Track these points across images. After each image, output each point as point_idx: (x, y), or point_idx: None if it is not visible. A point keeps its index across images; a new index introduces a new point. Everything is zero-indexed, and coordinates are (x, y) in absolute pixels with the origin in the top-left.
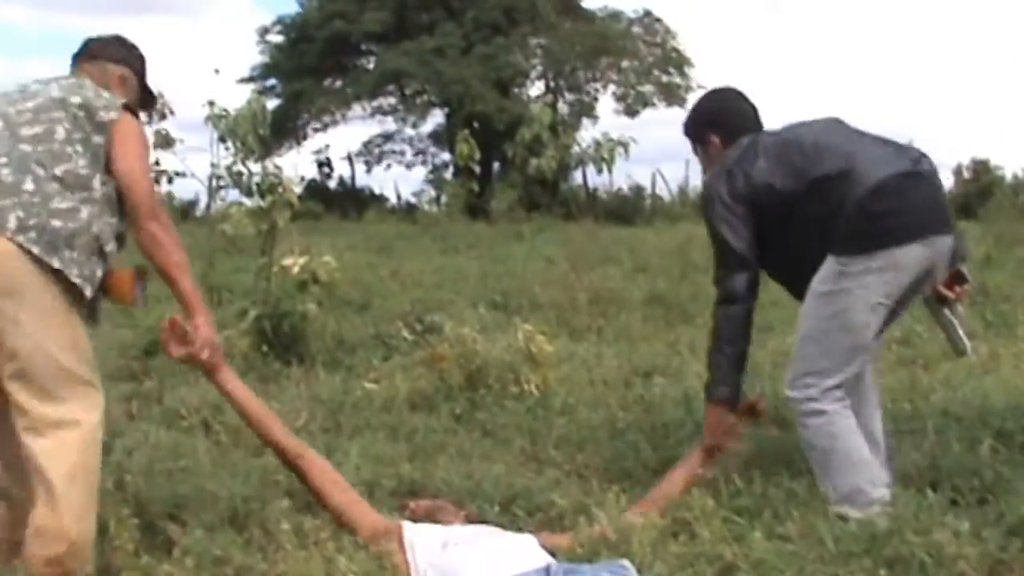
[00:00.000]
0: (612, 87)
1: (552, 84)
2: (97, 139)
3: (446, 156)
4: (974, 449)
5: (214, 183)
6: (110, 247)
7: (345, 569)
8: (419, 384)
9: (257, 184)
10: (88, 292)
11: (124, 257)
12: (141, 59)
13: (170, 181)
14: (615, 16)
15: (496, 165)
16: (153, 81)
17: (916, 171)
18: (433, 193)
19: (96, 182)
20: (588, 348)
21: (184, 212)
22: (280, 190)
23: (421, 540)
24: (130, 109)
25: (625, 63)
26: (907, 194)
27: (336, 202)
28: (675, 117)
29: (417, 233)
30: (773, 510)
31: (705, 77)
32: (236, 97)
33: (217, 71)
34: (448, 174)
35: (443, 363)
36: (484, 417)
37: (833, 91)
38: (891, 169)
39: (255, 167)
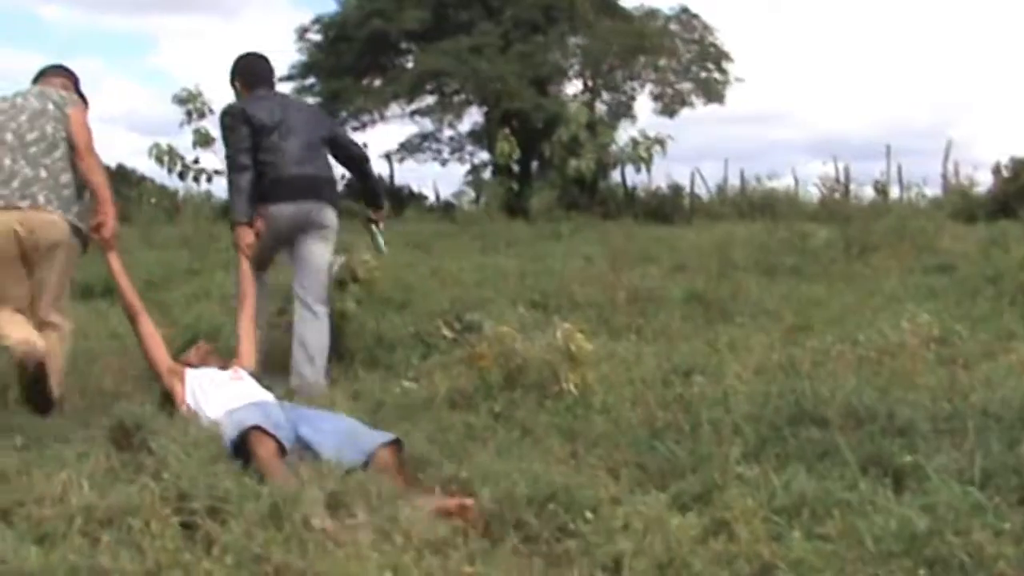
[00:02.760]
0: (650, 86)
1: (590, 83)
2: (64, 123)
3: (484, 155)
4: (1014, 449)
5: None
6: (85, 192)
7: (382, 566)
8: (458, 383)
9: None
10: (84, 230)
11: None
12: (75, 76)
13: (209, 180)
14: (652, 14)
15: (534, 164)
16: (199, 79)
17: None
18: (472, 193)
19: (66, 149)
20: (627, 347)
21: (224, 210)
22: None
23: (193, 378)
24: (81, 103)
25: (663, 61)
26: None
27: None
28: (713, 115)
29: (456, 232)
30: (812, 510)
31: (744, 71)
32: None
33: None
34: (487, 173)
35: (482, 362)
36: (523, 416)
37: (876, 89)
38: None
39: None
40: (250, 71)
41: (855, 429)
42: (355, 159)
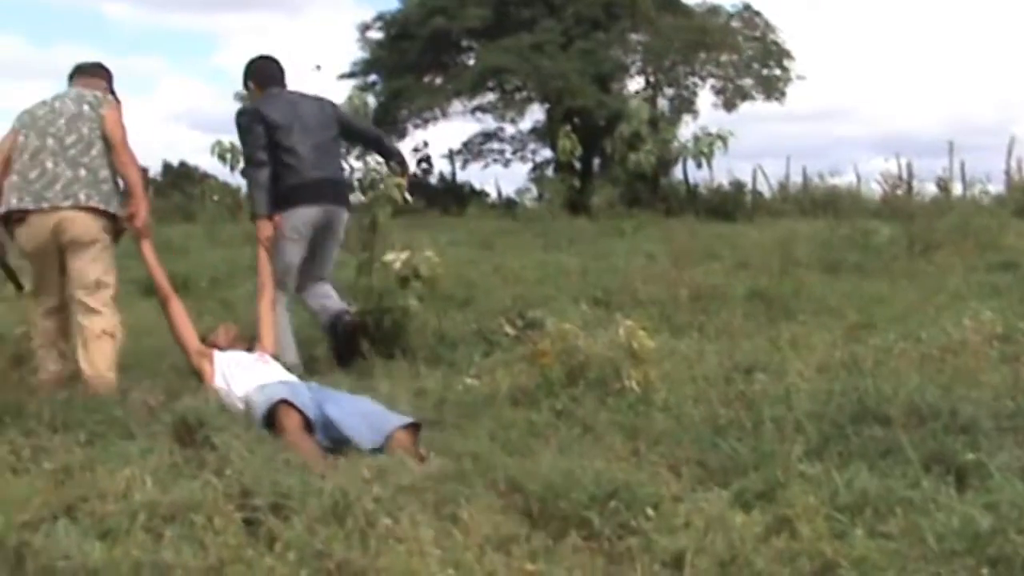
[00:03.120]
0: (711, 81)
1: (651, 79)
2: (99, 122)
3: (546, 153)
4: None
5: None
6: (121, 186)
7: (444, 563)
8: (520, 380)
9: (359, 180)
10: (121, 221)
11: None
12: (109, 73)
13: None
14: (714, 10)
15: (596, 161)
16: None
17: None
18: (536, 191)
19: (102, 147)
20: (689, 344)
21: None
22: (381, 186)
23: (222, 360)
24: (115, 102)
25: (724, 57)
26: None
27: (437, 198)
28: (775, 112)
29: (518, 229)
30: (875, 508)
31: (806, 68)
32: (337, 93)
33: (319, 67)
34: (549, 171)
35: (544, 359)
36: (585, 413)
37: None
38: None
39: (356, 163)
40: (262, 72)
41: (918, 427)
42: (371, 139)
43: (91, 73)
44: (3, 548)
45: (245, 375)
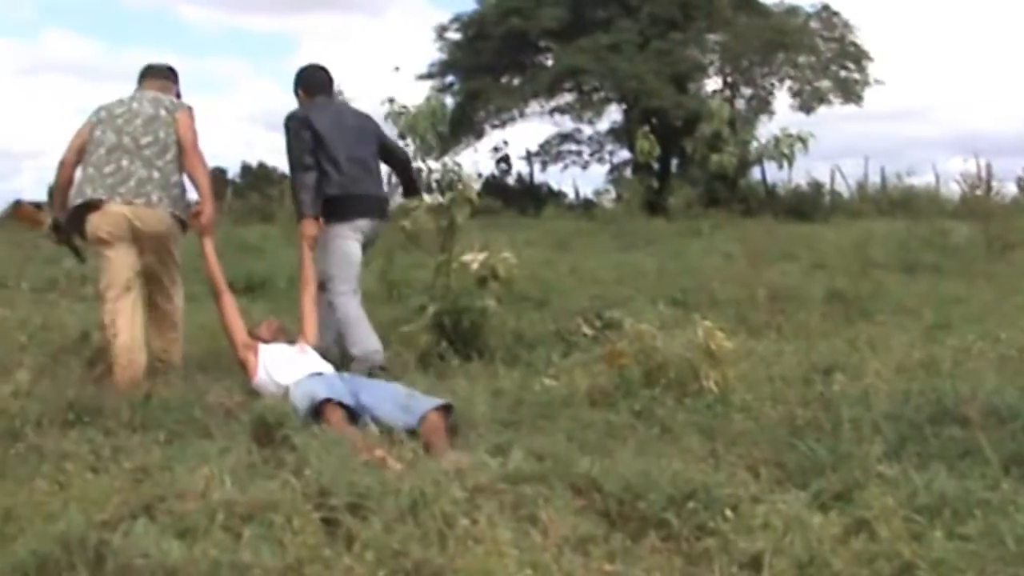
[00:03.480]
0: (788, 82)
1: (728, 80)
2: (173, 126)
3: (624, 153)
4: None
5: (393, 180)
6: (187, 191)
7: (522, 563)
8: (598, 380)
9: (437, 180)
10: (186, 221)
11: None
12: (176, 75)
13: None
14: (792, 11)
15: (674, 161)
16: (340, 79)
17: None
18: (613, 192)
19: (176, 151)
20: (767, 345)
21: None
22: (459, 186)
23: (266, 352)
24: (189, 107)
25: (802, 58)
26: None
27: (514, 198)
28: (853, 112)
29: (595, 229)
30: (953, 509)
31: (884, 68)
32: (415, 94)
33: (397, 68)
34: (627, 171)
35: (622, 359)
36: (663, 414)
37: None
38: None
39: (434, 164)
40: (312, 81)
41: (996, 428)
42: (401, 162)
43: (163, 76)
44: (83, 547)
45: (287, 366)
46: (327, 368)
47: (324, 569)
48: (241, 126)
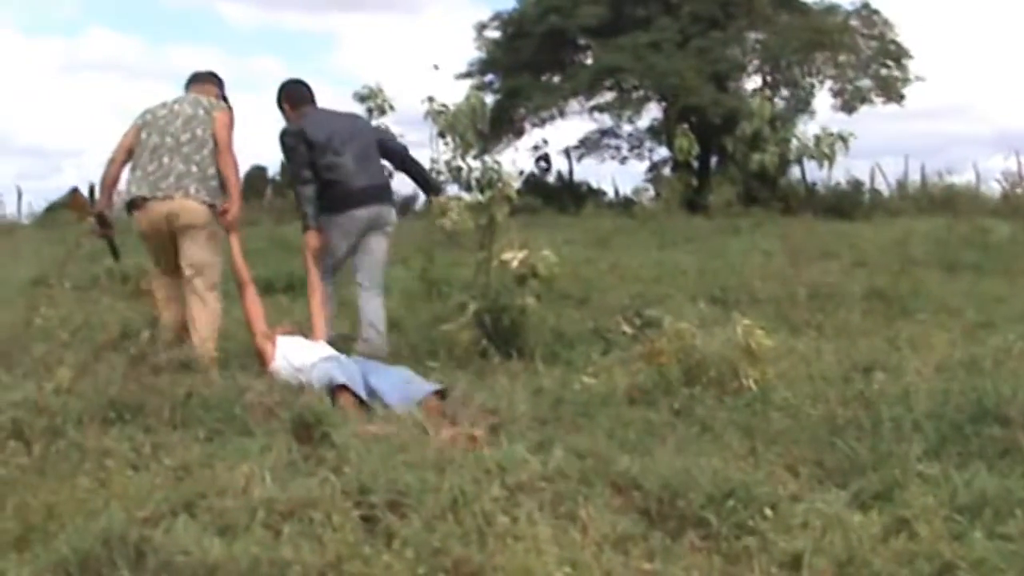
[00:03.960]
0: (829, 82)
1: (768, 78)
2: (211, 125)
3: (663, 151)
4: None
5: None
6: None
7: (561, 561)
8: (638, 379)
9: (476, 179)
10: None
11: None
12: (221, 81)
13: (390, 176)
14: (832, 9)
15: (714, 160)
16: (379, 77)
17: None
18: (652, 190)
19: (212, 147)
20: (807, 343)
21: (403, 206)
22: (499, 184)
23: (284, 344)
24: (227, 108)
25: (842, 57)
26: None
27: (554, 196)
28: (893, 110)
29: (635, 227)
30: (994, 509)
31: (924, 65)
32: (455, 92)
33: (436, 67)
34: (666, 169)
35: (662, 358)
36: (702, 412)
37: None
38: None
39: (474, 162)
40: (294, 94)
41: None
42: (397, 154)
43: (205, 80)
44: (124, 544)
45: (303, 352)
46: (339, 355)
47: (363, 566)
48: (281, 124)
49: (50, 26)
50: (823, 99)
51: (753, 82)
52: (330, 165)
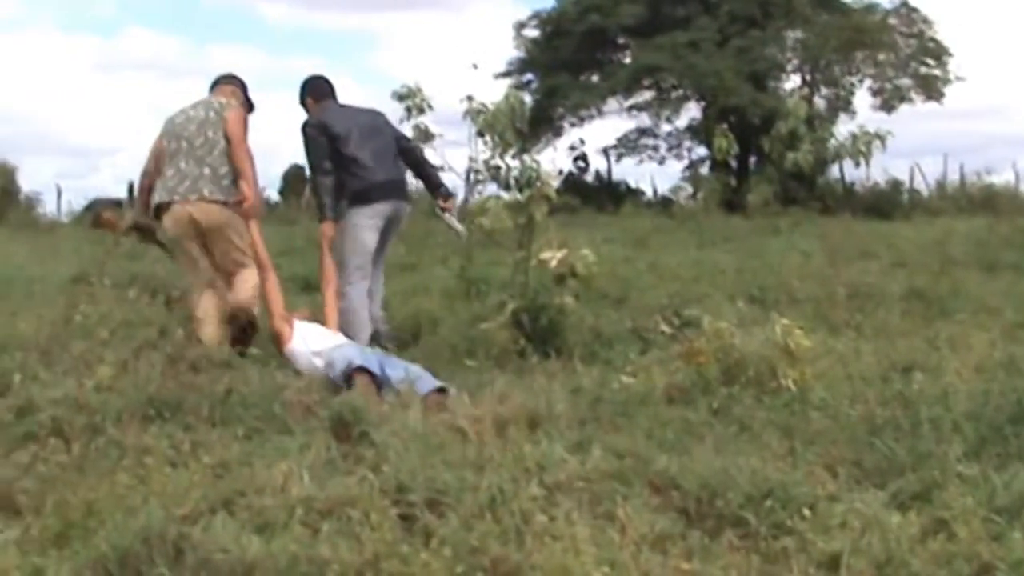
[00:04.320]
0: (868, 81)
1: (808, 78)
2: (222, 125)
3: (701, 151)
4: None
5: (472, 177)
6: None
7: (599, 561)
8: (676, 378)
9: (515, 178)
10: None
11: None
12: (243, 83)
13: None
14: (871, 8)
15: (752, 159)
16: (418, 76)
17: None
18: (690, 189)
19: (223, 147)
20: (846, 343)
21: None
22: (538, 184)
23: (301, 327)
24: (239, 106)
25: (881, 56)
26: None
27: (592, 196)
28: (932, 109)
29: (673, 227)
30: None
31: (963, 65)
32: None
33: (475, 66)
34: (704, 169)
35: (700, 357)
36: (741, 412)
37: None
38: None
39: (512, 161)
40: (317, 88)
41: None
42: (412, 152)
43: (227, 82)
44: (162, 541)
45: (321, 337)
46: (354, 343)
47: (401, 565)
48: None
49: (87, 25)
50: (863, 98)
51: (792, 81)
52: (351, 157)
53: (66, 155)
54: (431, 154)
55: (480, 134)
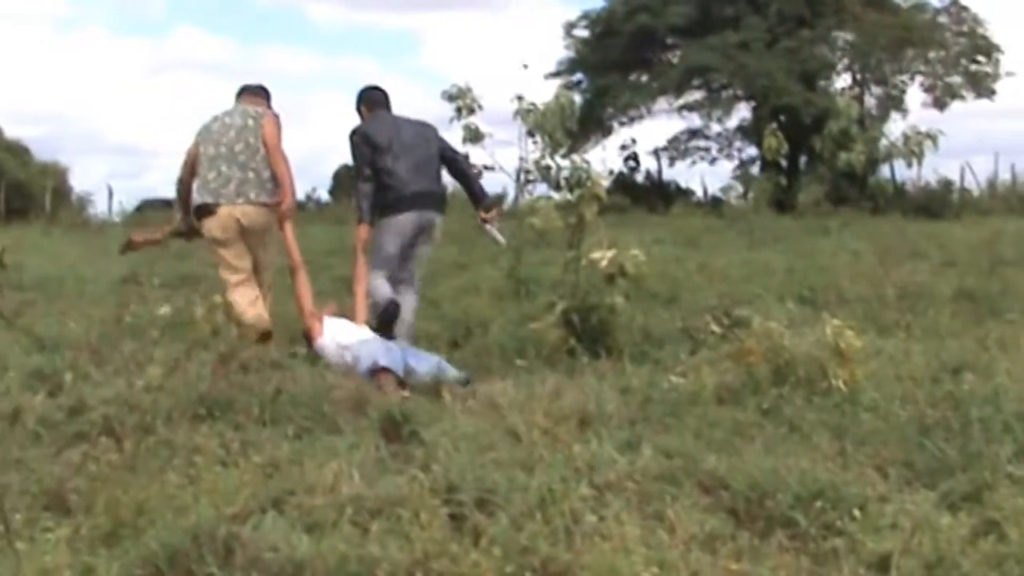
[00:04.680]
0: (919, 79)
1: (858, 77)
2: (259, 132)
3: (752, 150)
4: None
5: (522, 177)
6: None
7: (649, 561)
8: (726, 378)
9: (565, 178)
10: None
11: None
12: (268, 93)
13: (479, 175)
14: (920, 6)
15: (803, 159)
16: (466, 75)
17: None
18: (740, 189)
19: (263, 152)
20: (896, 344)
21: (492, 206)
22: (588, 184)
23: (329, 323)
24: (273, 114)
25: (932, 54)
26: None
27: (642, 196)
28: (984, 109)
29: (723, 227)
30: None
31: (1015, 63)
32: (544, 92)
33: (525, 66)
34: (755, 169)
35: (750, 357)
36: (791, 412)
37: None
38: None
39: (562, 161)
40: (372, 98)
41: None
42: (458, 168)
43: (254, 93)
44: (212, 539)
45: (348, 332)
46: (379, 338)
47: (451, 564)
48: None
49: (137, 27)
50: (914, 95)
51: (843, 81)
52: (387, 169)
53: (117, 155)
54: (481, 154)
55: (530, 134)
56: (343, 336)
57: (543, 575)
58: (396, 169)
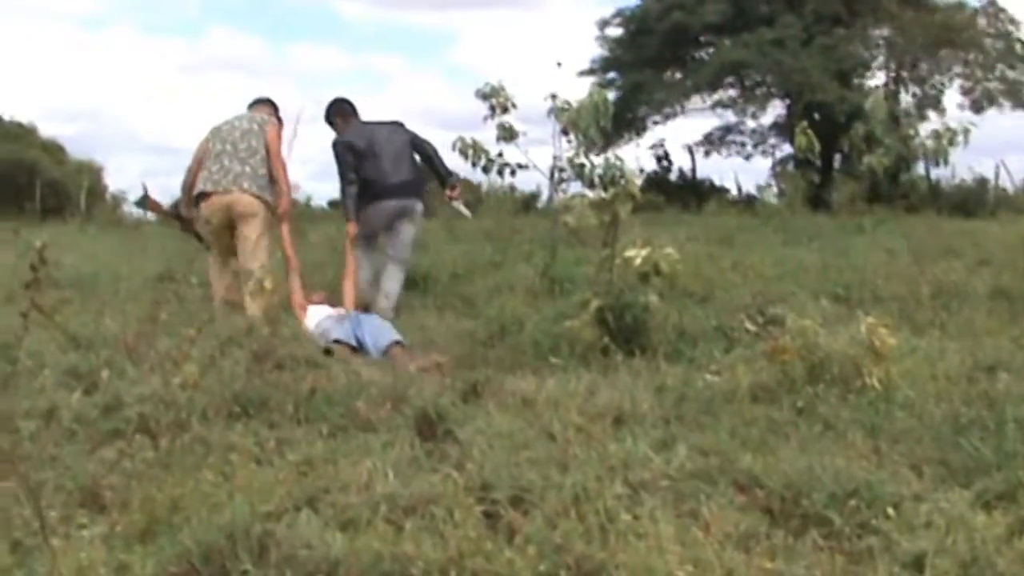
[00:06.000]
0: (958, 80)
1: (895, 75)
2: (262, 136)
3: (787, 148)
4: None
5: (556, 175)
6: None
7: (683, 559)
8: (761, 377)
9: (599, 176)
10: (273, 205)
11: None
12: (276, 105)
13: (512, 173)
14: (959, 6)
15: (838, 156)
16: (500, 73)
17: None
18: (775, 187)
19: (264, 154)
20: (930, 342)
21: (526, 204)
22: (622, 182)
23: (311, 311)
24: (276, 120)
25: (970, 55)
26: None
27: (676, 194)
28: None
29: (757, 225)
30: None
31: None
32: (578, 89)
33: (559, 64)
34: (790, 166)
35: (785, 356)
36: (825, 411)
37: None
38: None
39: (597, 159)
40: (343, 110)
41: None
42: (425, 154)
43: (263, 104)
44: (247, 537)
45: (319, 315)
46: (338, 313)
47: (485, 562)
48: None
49: (172, 26)
50: (952, 97)
51: (879, 79)
52: (370, 167)
53: (151, 154)
54: (515, 152)
55: (564, 132)
56: (316, 318)
57: (577, 573)
58: (378, 167)
